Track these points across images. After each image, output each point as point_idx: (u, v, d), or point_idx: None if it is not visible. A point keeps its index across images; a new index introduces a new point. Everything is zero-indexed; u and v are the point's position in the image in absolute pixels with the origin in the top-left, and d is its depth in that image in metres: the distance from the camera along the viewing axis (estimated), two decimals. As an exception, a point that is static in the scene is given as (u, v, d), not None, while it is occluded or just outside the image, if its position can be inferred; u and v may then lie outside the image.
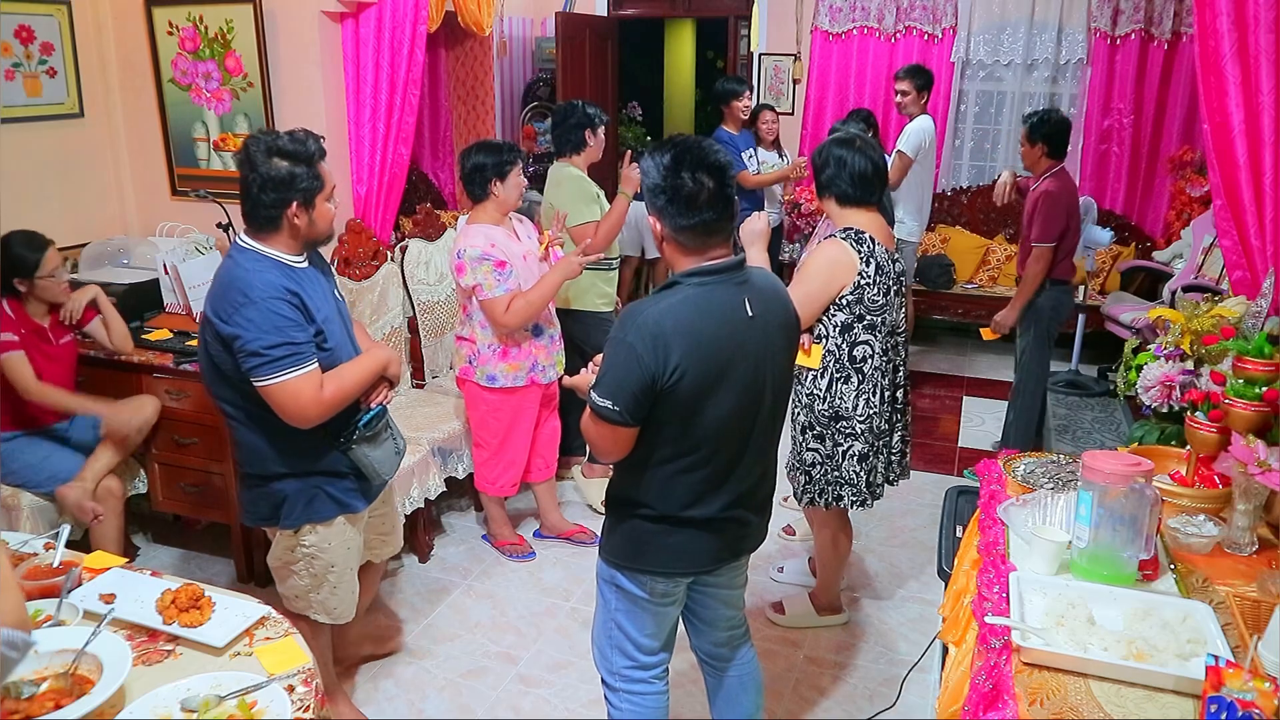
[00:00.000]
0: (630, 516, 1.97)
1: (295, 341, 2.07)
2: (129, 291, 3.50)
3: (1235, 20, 2.51)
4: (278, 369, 2.05)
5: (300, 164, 2.10)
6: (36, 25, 3.72)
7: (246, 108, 3.91)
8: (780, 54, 6.58)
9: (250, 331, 2.03)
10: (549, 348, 3.38)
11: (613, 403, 1.78)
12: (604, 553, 2.06)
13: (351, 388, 2.21)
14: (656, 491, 1.91)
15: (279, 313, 2.06)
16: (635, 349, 1.75)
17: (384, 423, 2.34)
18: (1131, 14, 5.68)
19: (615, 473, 2.01)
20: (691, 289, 1.81)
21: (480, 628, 3.14)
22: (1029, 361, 4.12)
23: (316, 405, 2.11)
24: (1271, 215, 2.56)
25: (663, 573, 2.01)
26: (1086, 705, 1.48)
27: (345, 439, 2.24)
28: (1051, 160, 3.93)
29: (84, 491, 2.93)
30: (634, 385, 1.76)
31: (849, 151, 2.68)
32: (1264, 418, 2.03)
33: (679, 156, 1.77)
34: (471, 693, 2.83)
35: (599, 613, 2.14)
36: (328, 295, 2.26)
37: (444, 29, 5.33)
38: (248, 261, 2.13)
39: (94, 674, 1.55)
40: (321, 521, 2.31)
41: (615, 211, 3.54)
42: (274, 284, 2.08)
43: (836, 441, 2.75)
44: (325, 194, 2.17)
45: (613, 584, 2.06)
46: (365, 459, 2.28)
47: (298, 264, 2.19)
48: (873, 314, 2.66)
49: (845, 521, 3.03)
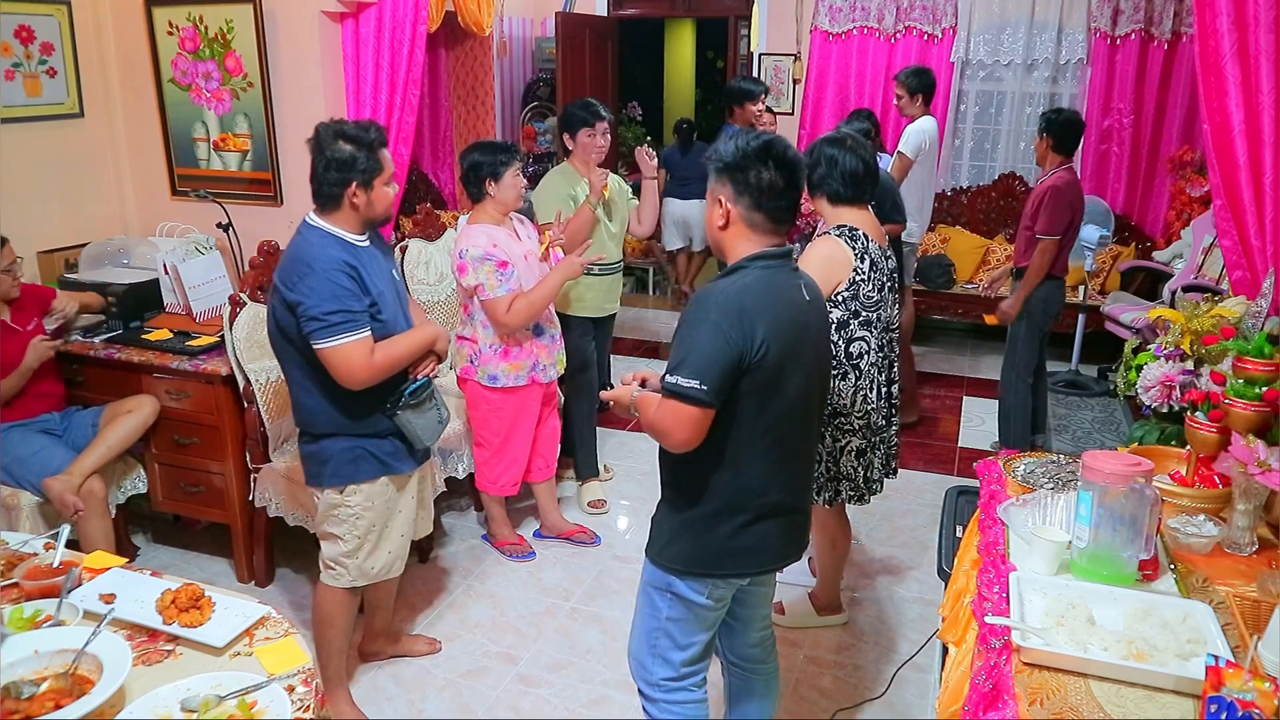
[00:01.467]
0: (698, 516, 1.93)
1: (350, 310, 2.27)
2: (129, 291, 3.49)
3: (1235, 20, 2.51)
4: (334, 333, 2.26)
5: (361, 148, 2.30)
6: (36, 25, 3.72)
7: (246, 108, 3.91)
8: (780, 54, 6.59)
9: (311, 298, 2.24)
10: (550, 347, 3.39)
11: (700, 381, 1.76)
12: (661, 558, 2.00)
13: (401, 356, 2.41)
14: (729, 479, 1.89)
15: (338, 283, 2.26)
16: (721, 326, 1.76)
17: (429, 393, 2.51)
18: (1131, 14, 5.68)
19: (677, 471, 1.96)
20: (758, 271, 1.85)
21: (480, 628, 3.14)
22: (1018, 355, 4.12)
23: (366, 369, 2.31)
24: (1271, 215, 2.56)
25: (735, 574, 1.99)
26: (1086, 705, 1.48)
27: (392, 404, 2.42)
28: (1058, 156, 3.98)
29: (68, 485, 2.92)
30: (722, 362, 1.76)
31: (839, 150, 2.70)
32: (1264, 418, 2.03)
33: (769, 144, 1.87)
34: (471, 693, 2.83)
35: (643, 621, 2.08)
36: (385, 272, 2.45)
37: (444, 29, 5.34)
38: (314, 237, 2.34)
39: (94, 674, 1.54)
40: (365, 480, 2.47)
41: (577, 216, 3.51)
42: (335, 258, 2.29)
43: (835, 438, 2.75)
44: (384, 178, 2.36)
45: (667, 591, 2.00)
46: (409, 424, 2.45)
47: (359, 242, 2.38)
48: (868, 310, 2.67)
49: (844, 521, 3.03)
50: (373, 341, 2.33)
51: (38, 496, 2.95)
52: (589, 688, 2.84)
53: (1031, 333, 4.08)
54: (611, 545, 3.65)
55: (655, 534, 2.04)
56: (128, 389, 3.25)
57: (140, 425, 3.14)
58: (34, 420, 3.08)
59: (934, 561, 3.00)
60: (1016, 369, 4.14)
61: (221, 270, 3.59)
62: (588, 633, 3.11)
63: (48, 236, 3.78)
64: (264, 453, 3.17)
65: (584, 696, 2.81)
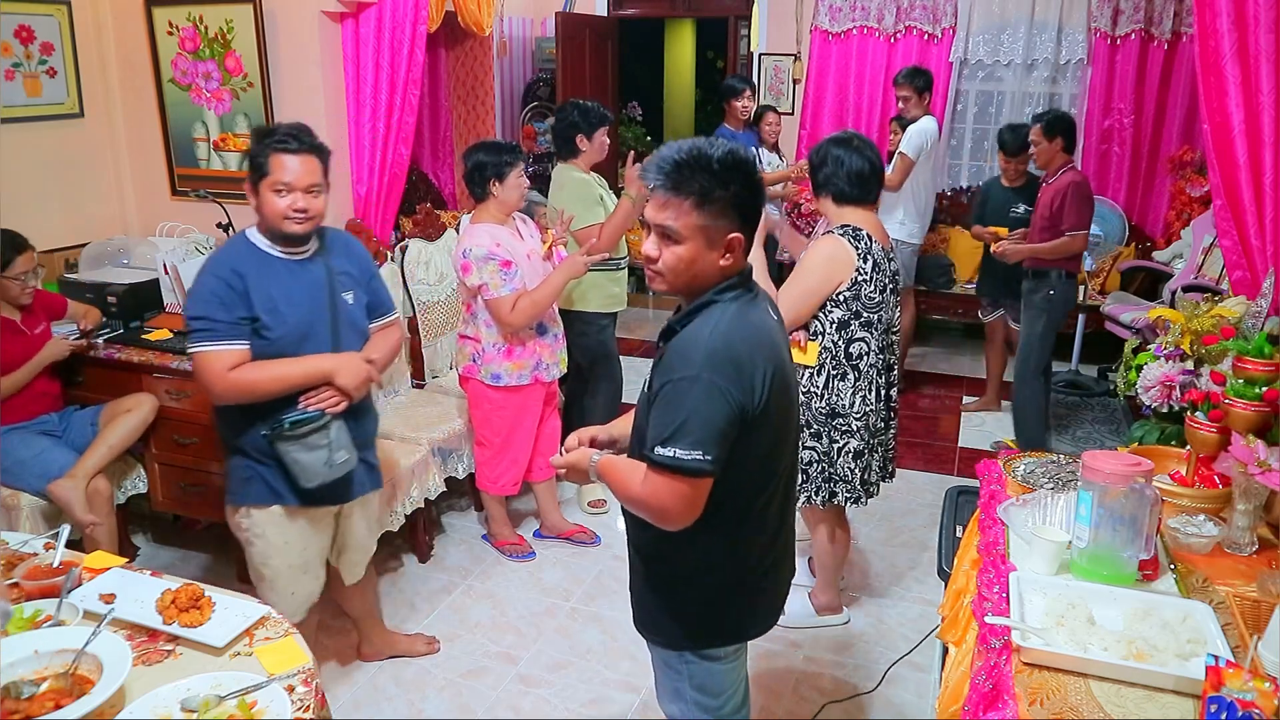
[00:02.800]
0: (702, 592, 1.76)
1: (212, 318, 2.17)
2: (129, 291, 3.49)
3: (1235, 20, 2.51)
4: (194, 340, 2.19)
5: (257, 146, 2.22)
6: (36, 25, 3.72)
7: (246, 108, 3.91)
8: (780, 54, 6.58)
9: (189, 300, 2.23)
10: (553, 346, 3.40)
11: (703, 452, 1.55)
12: (670, 642, 1.82)
13: (277, 379, 2.23)
14: (737, 541, 1.72)
15: (210, 289, 2.18)
16: (717, 383, 1.56)
17: (322, 431, 2.28)
18: (1131, 14, 5.67)
19: (667, 544, 1.72)
20: (729, 304, 1.65)
21: (480, 628, 3.14)
22: (1033, 352, 4.16)
23: (221, 382, 2.19)
24: (1271, 215, 2.56)
25: (749, 635, 1.85)
26: (1086, 705, 1.48)
27: (270, 432, 2.26)
28: (1066, 155, 4.05)
29: (74, 489, 2.92)
30: (724, 424, 1.56)
31: (846, 150, 2.71)
32: (1264, 418, 2.03)
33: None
34: (471, 693, 2.83)
35: (668, 682, 1.89)
36: (306, 287, 2.28)
37: (444, 29, 5.34)
38: (230, 242, 2.31)
39: (94, 674, 1.54)
40: (255, 505, 2.36)
41: (619, 213, 3.54)
42: (224, 263, 2.22)
43: (833, 439, 2.75)
44: (269, 181, 2.21)
45: (682, 664, 1.83)
46: (289, 456, 2.26)
47: (280, 253, 2.27)
48: (869, 311, 2.67)
49: (842, 520, 3.03)
50: (238, 356, 2.18)
51: (41, 500, 2.95)
52: (589, 688, 2.84)
53: (1048, 331, 4.14)
54: (611, 545, 3.65)
55: (644, 616, 1.85)
56: (128, 389, 3.24)
57: (140, 424, 3.14)
58: (33, 422, 3.07)
59: (934, 561, 3.00)
60: (1032, 367, 4.17)
61: (221, 270, 3.58)
62: (588, 633, 3.11)
63: (48, 236, 3.77)
64: (264, 453, 3.16)
65: (584, 696, 2.81)
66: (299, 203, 2.20)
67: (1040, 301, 4.09)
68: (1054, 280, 4.06)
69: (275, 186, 2.19)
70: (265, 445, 2.27)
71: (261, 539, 2.37)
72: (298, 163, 2.20)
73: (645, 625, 1.87)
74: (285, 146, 2.19)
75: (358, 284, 2.42)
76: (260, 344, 2.21)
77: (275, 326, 2.22)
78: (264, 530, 2.37)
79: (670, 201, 1.60)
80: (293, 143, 2.20)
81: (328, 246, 2.37)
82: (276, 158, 2.19)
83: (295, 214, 2.21)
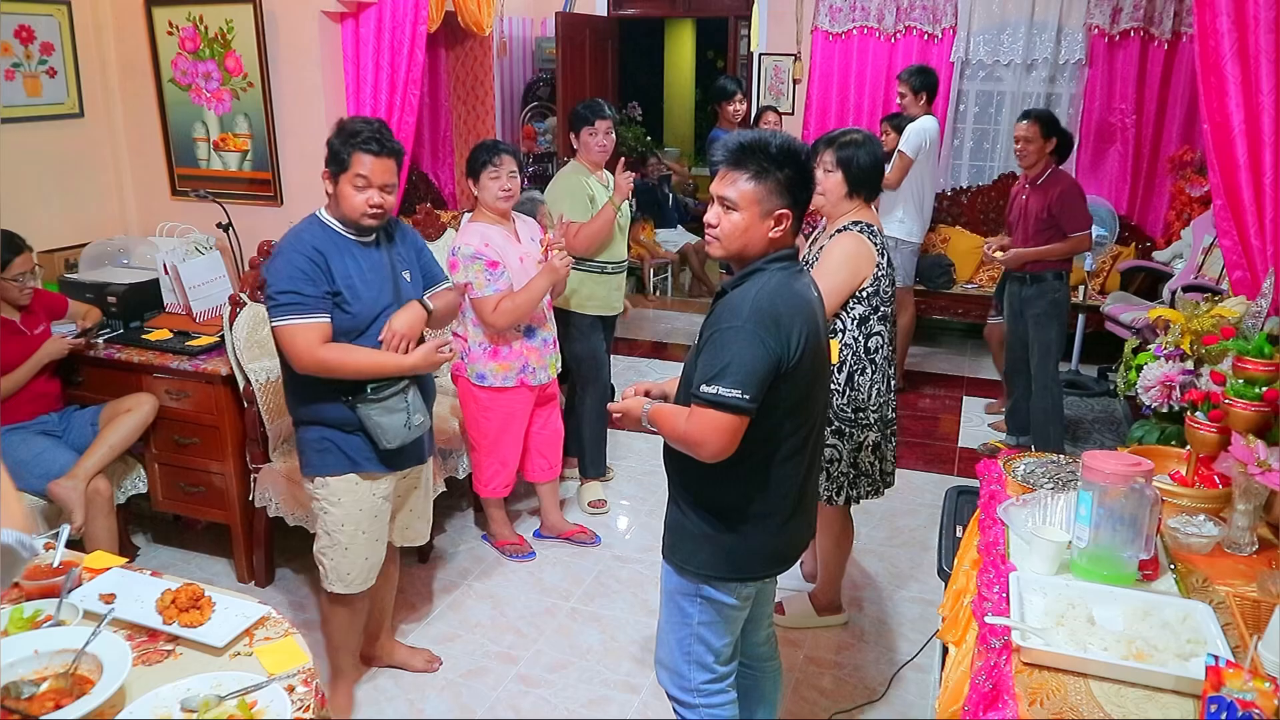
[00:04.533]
0: (727, 522, 1.94)
1: (301, 292, 2.28)
2: (129, 291, 3.49)
3: (1235, 20, 2.51)
4: (282, 313, 2.28)
5: (340, 141, 2.33)
6: (36, 25, 3.73)
7: (246, 108, 3.91)
8: (780, 54, 6.58)
9: (271, 277, 2.30)
10: (542, 350, 3.37)
11: (742, 391, 1.77)
12: (689, 565, 1.99)
13: (358, 365, 2.35)
14: (761, 483, 1.91)
15: (295, 264, 2.28)
16: (759, 334, 1.78)
17: (400, 394, 2.42)
18: (1131, 14, 5.67)
19: (700, 478, 1.93)
20: (776, 273, 1.87)
21: (480, 628, 3.14)
22: (1051, 357, 4.19)
23: (309, 355, 2.29)
24: (1271, 215, 2.56)
25: (768, 574, 2.03)
26: (1086, 705, 1.48)
27: (352, 396, 2.38)
28: (1052, 158, 4.04)
29: (75, 489, 2.92)
30: (761, 371, 1.78)
31: (853, 147, 2.71)
32: (1264, 418, 2.03)
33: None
34: (471, 693, 2.83)
35: (673, 630, 2.07)
36: (376, 269, 2.42)
37: (444, 29, 5.34)
38: (303, 222, 2.40)
39: (94, 674, 1.54)
40: (332, 474, 2.44)
41: (599, 217, 3.56)
42: (304, 241, 2.33)
43: (852, 434, 2.78)
44: (348, 176, 2.32)
45: (697, 597, 2.00)
46: (370, 419, 2.38)
47: (349, 235, 2.39)
48: (885, 305, 2.73)
49: (848, 521, 3.03)
50: (325, 329, 2.31)
51: (42, 500, 2.95)
52: (589, 688, 2.84)
53: (1060, 333, 4.20)
54: (611, 545, 3.65)
55: (677, 542, 2.02)
56: (128, 389, 3.25)
57: (140, 423, 3.14)
58: (33, 422, 3.08)
59: (934, 561, 2.99)
60: (1052, 372, 4.19)
61: (221, 270, 3.59)
62: (588, 633, 3.11)
63: (48, 236, 3.78)
64: (264, 453, 3.17)
65: (584, 696, 2.81)
66: (375, 199, 2.35)
67: (1048, 307, 4.10)
68: (1053, 282, 4.07)
69: (355, 182, 2.33)
70: (343, 415, 2.39)
71: (338, 506, 2.47)
72: (379, 164, 2.34)
73: (674, 550, 2.03)
74: (369, 149, 2.31)
75: (412, 263, 2.57)
76: (342, 318, 2.34)
77: (353, 302, 2.36)
78: (340, 498, 2.46)
79: (730, 175, 1.86)
80: (375, 145, 2.32)
81: (384, 230, 2.50)
82: (359, 156, 2.31)
83: (372, 209, 2.35)
